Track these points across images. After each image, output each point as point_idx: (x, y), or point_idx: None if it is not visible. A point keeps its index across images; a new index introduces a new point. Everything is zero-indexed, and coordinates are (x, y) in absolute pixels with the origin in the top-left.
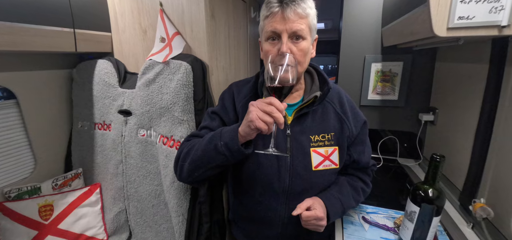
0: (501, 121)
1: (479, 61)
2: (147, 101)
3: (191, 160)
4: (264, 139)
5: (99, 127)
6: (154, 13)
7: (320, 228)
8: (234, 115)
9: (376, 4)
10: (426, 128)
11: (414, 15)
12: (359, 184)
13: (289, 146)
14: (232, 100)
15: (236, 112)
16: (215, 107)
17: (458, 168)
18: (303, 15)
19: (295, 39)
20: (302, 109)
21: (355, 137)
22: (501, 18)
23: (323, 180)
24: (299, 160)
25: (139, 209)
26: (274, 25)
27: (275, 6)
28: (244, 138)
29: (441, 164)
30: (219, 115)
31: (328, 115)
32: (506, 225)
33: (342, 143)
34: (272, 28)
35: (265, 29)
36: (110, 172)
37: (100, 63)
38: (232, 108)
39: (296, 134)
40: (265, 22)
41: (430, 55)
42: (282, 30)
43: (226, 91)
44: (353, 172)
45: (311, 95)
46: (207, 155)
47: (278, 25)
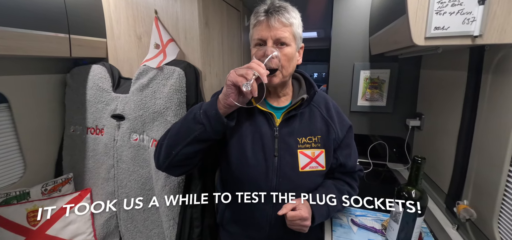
0: (480, 125)
1: (459, 68)
2: (141, 105)
3: (169, 137)
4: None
5: (91, 131)
6: (149, 20)
7: (304, 229)
8: None
9: (364, 14)
10: (413, 133)
11: (396, 25)
12: (345, 187)
13: (276, 147)
14: None
15: None
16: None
17: (443, 171)
18: (287, 23)
19: (280, 45)
20: (290, 112)
21: (341, 141)
22: (473, 28)
23: (309, 181)
24: (287, 160)
25: (130, 214)
26: (260, 33)
27: (261, 15)
28: (224, 108)
29: (423, 165)
30: None
31: (315, 119)
32: (489, 226)
33: (328, 146)
34: (259, 36)
35: (253, 37)
36: (102, 176)
37: (94, 68)
38: None
39: (284, 136)
40: (253, 30)
41: (415, 63)
42: (267, 37)
43: (217, 93)
44: (340, 176)
45: (299, 98)
46: (184, 126)
47: (264, 32)
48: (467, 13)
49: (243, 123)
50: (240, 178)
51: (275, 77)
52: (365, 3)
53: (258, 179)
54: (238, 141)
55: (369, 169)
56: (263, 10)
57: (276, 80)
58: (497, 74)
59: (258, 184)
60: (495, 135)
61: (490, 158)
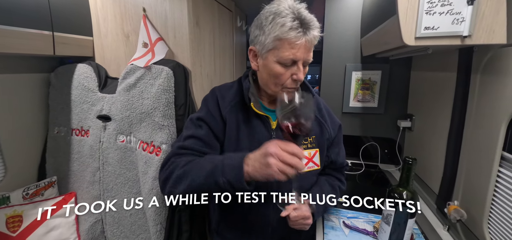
0: (469, 125)
1: (448, 69)
2: (128, 106)
3: (185, 189)
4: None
5: (76, 133)
6: (137, 18)
7: (306, 227)
8: (221, 121)
9: (355, 15)
10: (405, 134)
11: (387, 26)
12: (336, 182)
13: None
14: (216, 106)
15: (222, 118)
16: (200, 113)
17: (434, 172)
18: (315, 44)
19: (304, 65)
20: None
21: (332, 140)
22: (462, 28)
23: (307, 181)
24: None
25: (116, 218)
26: (296, 55)
27: (299, 35)
28: (250, 178)
29: (414, 166)
30: (206, 122)
31: None
32: (479, 227)
33: (322, 145)
34: (293, 57)
35: (283, 55)
36: (87, 180)
37: (79, 67)
38: (218, 114)
39: (281, 138)
40: (279, 44)
41: (406, 64)
42: (300, 59)
43: (209, 96)
44: (330, 172)
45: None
46: (205, 188)
47: (300, 54)
48: (456, 13)
49: (238, 127)
50: None
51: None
52: (357, 4)
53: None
54: (235, 146)
55: (361, 171)
56: (297, 24)
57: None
58: (486, 75)
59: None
60: (484, 135)
61: (480, 158)
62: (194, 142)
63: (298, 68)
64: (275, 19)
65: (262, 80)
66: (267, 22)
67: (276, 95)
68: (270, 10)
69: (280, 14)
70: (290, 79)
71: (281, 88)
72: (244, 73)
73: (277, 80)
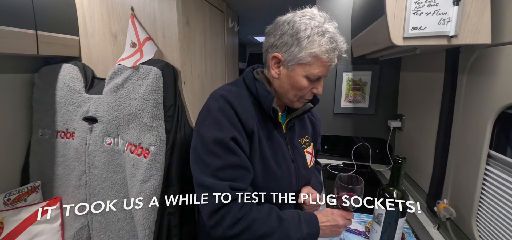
0: (457, 125)
1: (436, 70)
2: (115, 107)
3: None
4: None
5: (61, 135)
6: (125, 17)
7: (317, 208)
8: (245, 134)
9: (345, 17)
10: (395, 134)
11: (376, 26)
12: (319, 166)
13: (291, 153)
14: (238, 119)
15: (246, 132)
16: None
17: (424, 171)
18: None
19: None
20: (293, 119)
21: (318, 133)
22: (448, 29)
23: (313, 173)
24: (301, 162)
25: (103, 224)
26: (323, 71)
27: (334, 58)
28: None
29: (403, 165)
30: (237, 141)
31: (305, 119)
32: (467, 224)
33: (315, 139)
34: (321, 74)
35: (314, 71)
36: (72, 184)
37: (64, 67)
38: (242, 128)
39: (292, 140)
40: (313, 61)
41: (395, 65)
42: (325, 75)
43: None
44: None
45: (306, 106)
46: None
47: (326, 72)
48: (442, 14)
49: (260, 138)
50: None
51: (303, 103)
52: (347, 6)
53: (286, 188)
54: (262, 160)
55: (353, 171)
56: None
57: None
58: (472, 75)
59: (284, 191)
60: (471, 134)
61: (467, 157)
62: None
63: (319, 83)
64: (313, 36)
65: (280, 88)
66: (304, 35)
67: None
68: (305, 22)
69: (319, 32)
70: (309, 92)
71: (299, 99)
72: (247, 75)
73: (298, 92)
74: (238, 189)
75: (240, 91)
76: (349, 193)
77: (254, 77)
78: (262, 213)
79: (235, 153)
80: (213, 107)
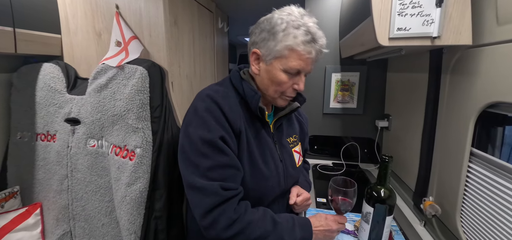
0: (441, 124)
1: (421, 70)
2: (98, 108)
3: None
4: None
5: (41, 138)
6: (109, 15)
7: (308, 207)
8: (233, 134)
9: (334, 19)
10: (383, 134)
11: (362, 28)
12: (306, 165)
13: (279, 153)
14: (225, 119)
15: (234, 132)
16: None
17: (411, 169)
18: None
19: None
20: (281, 118)
21: (306, 133)
22: (432, 30)
23: (301, 172)
24: (289, 162)
25: (87, 230)
26: (302, 66)
27: (311, 50)
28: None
29: (390, 164)
30: (226, 141)
31: (293, 119)
32: (452, 220)
33: (303, 138)
34: (301, 68)
35: (290, 63)
36: (53, 189)
37: (45, 66)
38: (230, 128)
39: (280, 140)
40: (290, 54)
41: (382, 66)
42: (305, 70)
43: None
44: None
45: (293, 105)
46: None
47: (306, 66)
48: (426, 15)
49: (248, 138)
50: (259, 193)
51: (286, 101)
52: (335, 8)
53: (274, 188)
54: (249, 159)
55: (342, 170)
56: (310, 38)
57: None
58: (455, 75)
59: (274, 191)
60: (454, 133)
61: (451, 155)
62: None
63: (300, 78)
64: (288, 29)
65: (261, 84)
66: (279, 29)
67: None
68: (282, 17)
69: (295, 25)
70: (291, 88)
71: (280, 95)
72: (233, 75)
73: (278, 87)
74: (229, 189)
75: (227, 91)
76: (342, 197)
77: (241, 77)
78: (256, 215)
79: (224, 153)
80: (200, 107)
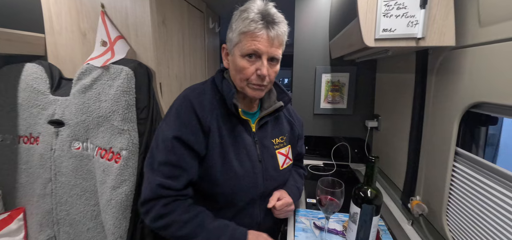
0: (427, 124)
1: (408, 71)
2: (83, 109)
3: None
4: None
5: (24, 140)
6: (94, 14)
7: (290, 214)
8: (202, 133)
9: (324, 20)
10: (372, 134)
11: (350, 29)
12: (301, 170)
13: (259, 153)
14: (194, 117)
15: (203, 130)
16: (174, 130)
17: (398, 169)
18: (283, 41)
19: (271, 61)
20: (264, 117)
21: (299, 135)
22: (416, 31)
23: (287, 176)
24: (270, 163)
25: (72, 235)
26: (257, 45)
27: (260, 28)
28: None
29: (376, 164)
30: (182, 140)
31: (282, 120)
32: (438, 219)
33: (293, 141)
34: (255, 48)
35: (244, 46)
36: (37, 193)
37: (28, 67)
38: (198, 126)
39: (262, 140)
40: (242, 38)
41: (371, 66)
42: (264, 52)
43: (182, 106)
44: (295, 163)
45: (276, 105)
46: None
47: (262, 46)
48: (410, 16)
49: (222, 136)
50: (231, 192)
51: (262, 91)
52: (325, 9)
53: (249, 188)
54: (221, 156)
55: (333, 170)
56: (258, 16)
57: (262, 94)
58: (440, 75)
59: (249, 192)
60: (440, 133)
61: (437, 155)
62: (171, 171)
63: (262, 63)
64: (241, 15)
65: (232, 77)
66: (234, 19)
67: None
68: (239, 8)
69: (246, 10)
70: (255, 75)
71: (247, 84)
72: (217, 75)
73: (241, 75)
74: (168, 188)
75: (205, 88)
76: (330, 197)
77: (224, 76)
78: (185, 216)
79: (174, 152)
80: (174, 106)
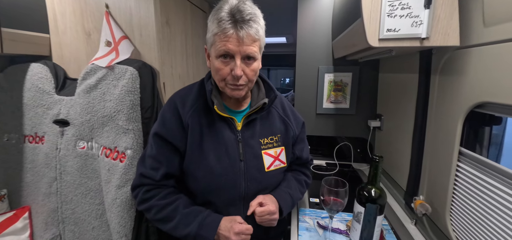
0: (431, 124)
1: (411, 71)
2: (88, 109)
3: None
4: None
5: (29, 140)
6: (99, 15)
7: (273, 223)
8: (181, 129)
9: (326, 20)
10: (375, 134)
11: (354, 28)
12: (302, 177)
13: (241, 152)
14: (175, 114)
15: (183, 127)
16: (158, 128)
17: (402, 168)
18: (256, 38)
19: (247, 60)
20: (251, 115)
21: (297, 137)
22: (421, 31)
23: (275, 179)
24: (253, 163)
25: (77, 233)
26: (227, 46)
27: (229, 27)
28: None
29: (380, 164)
30: (162, 137)
31: (274, 119)
32: (442, 219)
33: (287, 143)
34: (226, 48)
35: (217, 47)
36: (42, 192)
37: (33, 67)
38: (178, 123)
39: (247, 139)
40: (216, 39)
41: (374, 66)
42: (236, 52)
43: (166, 106)
44: (296, 168)
45: (260, 102)
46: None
47: (232, 46)
48: (415, 17)
49: (202, 132)
50: (209, 189)
51: (241, 91)
52: (327, 9)
53: (228, 187)
54: (199, 152)
55: (336, 170)
56: (228, 17)
57: (243, 93)
58: (444, 75)
59: (228, 191)
60: (444, 133)
61: (440, 155)
62: (153, 163)
63: (235, 63)
64: (214, 15)
65: (213, 77)
66: (210, 19)
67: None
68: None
69: (219, 9)
70: (231, 75)
71: (225, 85)
72: (207, 75)
73: (218, 76)
74: (148, 177)
75: (193, 88)
76: (334, 197)
77: (210, 76)
78: (162, 202)
79: (153, 147)
80: (162, 107)
